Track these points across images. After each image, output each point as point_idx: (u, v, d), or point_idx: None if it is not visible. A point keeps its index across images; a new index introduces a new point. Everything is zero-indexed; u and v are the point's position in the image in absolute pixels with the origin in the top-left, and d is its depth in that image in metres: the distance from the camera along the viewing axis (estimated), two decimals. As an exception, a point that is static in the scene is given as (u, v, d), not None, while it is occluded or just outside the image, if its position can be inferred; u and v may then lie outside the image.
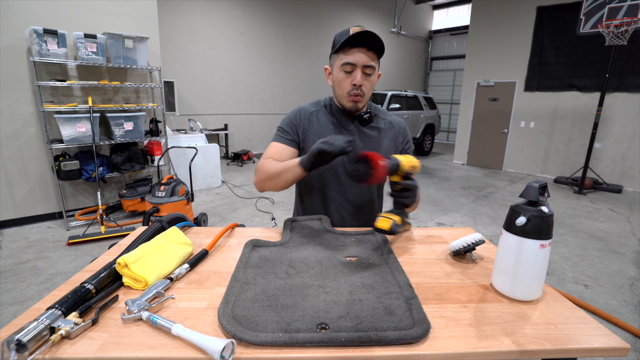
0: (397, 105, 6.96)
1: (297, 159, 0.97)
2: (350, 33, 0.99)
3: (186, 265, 0.82)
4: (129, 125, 3.40)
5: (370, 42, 1.01)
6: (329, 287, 0.74)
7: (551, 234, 0.70)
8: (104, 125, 3.51)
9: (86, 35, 3.08)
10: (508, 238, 0.73)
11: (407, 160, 0.91)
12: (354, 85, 1.04)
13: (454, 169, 6.81)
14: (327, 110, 1.18)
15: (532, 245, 0.69)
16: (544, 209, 0.70)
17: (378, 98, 7.16)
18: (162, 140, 3.86)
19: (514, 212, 0.72)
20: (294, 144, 1.16)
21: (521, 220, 0.69)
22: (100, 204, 3.11)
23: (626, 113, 5.23)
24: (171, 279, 0.77)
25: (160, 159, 3.72)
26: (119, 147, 3.56)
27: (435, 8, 11.82)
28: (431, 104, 8.25)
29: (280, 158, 1.11)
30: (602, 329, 0.64)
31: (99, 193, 3.14)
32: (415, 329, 0.60)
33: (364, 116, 1.15)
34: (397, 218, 0.90)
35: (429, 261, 0.91)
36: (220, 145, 6.25)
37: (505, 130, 6.56)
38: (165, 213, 2.66)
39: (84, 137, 3.18)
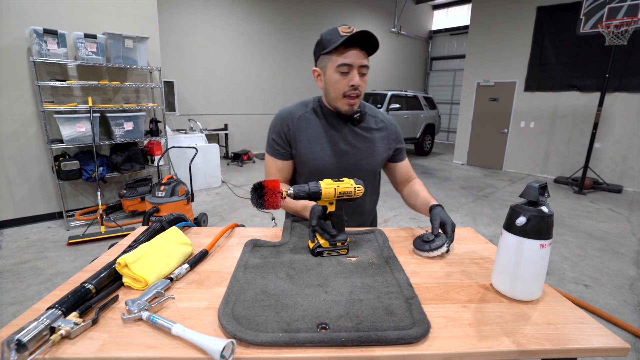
0: (397, 105, 6.96)
1: (310, 207, 1.01)
2: (340, 32, 0.98)
3: (186, 265, 0.82)
4: (129, 125, 3.40)
5: (364, 42, 1.00)
6: (329, 287, 0.74)
7: (551, 234, 0.70)
8: (104, 125, 3.51)
9: (86, 35, 3.08)
10: (508, 238, 0.73)
11: (331, 187, 0.87)
12: (352, 86, 1.02)
13: (454, 169, 6.81)
14: (317, 112, 1.15)
15: (532, 245, 0.69)
16: (544, 209, 0.69)
17: (378, 98, 7.16)
18: (162, 140, 3.86)
19: (514, 212, 0.72)
20: (287, 155, 1.15)
21: (521, 220, 0.69)
22: (100, 204, 3.11)
23: (626, 113, 5.23)
24: (171, 279, 0.77)
25: (160, 159, 3.72)
26: (119, 147, 3.56)
27: (435, 8, 11.82)
28: (431, 104, 8.24)
29: (282, 175, 1.17)
30: (602, 329, 0.64)
31: (99, 193, 3.14)
32: (415, 329, 0.60)
33: (355, 116, 1.12)
34: (322, 241, 0.90)
35: (429, 261, 0.91)
36: (220, 145, 6.25)
37: (505, 130, 6.56)
38: (165, 213, 2.66)
39: (84, 137, 3.18)
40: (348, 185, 0.88)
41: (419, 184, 1.20)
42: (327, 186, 0.86)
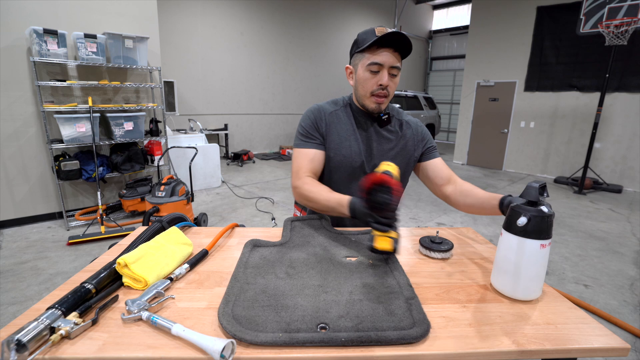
0: (397, 105, 6.94)
1: (346, 202, 0.93)
2: (376, 33, 0.98)
3: (186, 265, 0.82)
4: (129, 125, 3.40)
5: (397, 43, 1.00)
6: (329, 287, 0.74)
7: (551, 234, 0.70)
8: (104, 125, 3.51)
9: (86, 35, 3.08)
10: (508, 238, 0.72)
11: (393, 168, 0.85)
12: (380, 85, 1.03)
13: (454, 169, 6.78)
14: (347, 110, 1.16)
15: (532, 245, 0.69)
16: (544, 208, 0.69)
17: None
18: (162, 140, 3.86)
19: (514, 213, 0.71)
20: (321, 146, 1.13)
21: (522, 220, 0.69)
22: (100, 204, 3.11)
23: (626, 113, 5.23)
24: (171, 279, 0.77)
25: (160, 159, 3.72)
26: (119, 147, 3.56)
27: (435, 8, 11.83)
28: (431, 104, 8.25)
29: (313, 165, 1.10)
30: (602, 329, 0.64)
31: (99, 193, 3.14)
32: (415, 329, 0.60)
33: (383, 117, 1.13)
34: (394, 234, 0.80)
35: (429, 261, 0.91)
36: (220, 145, 6.25)
37: (505, 130, 6.56)
38: (165, 213, 2.66)
39: (84, 137, 3.18)
40: (392, 164, 0.88)
41: (470, 185, 1.11)
42: (390, 168, 0.85)
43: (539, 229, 0.68)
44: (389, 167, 0.85)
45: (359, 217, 0.87)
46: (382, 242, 0.78)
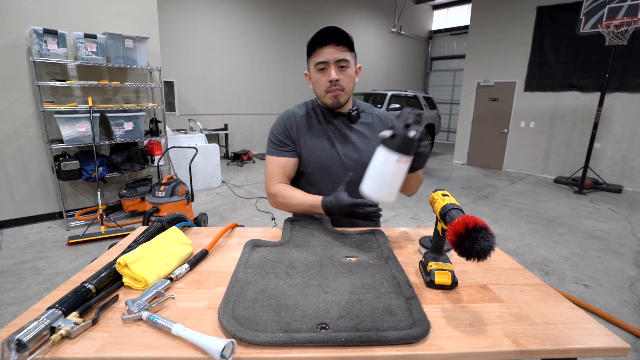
0: (397, 105, 6.96)
1: (319, 201, 1.05)
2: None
3: (186, 265, 0.82)
4: (129, 125, 3.40)
5: (337, 38, 1.03)
6: (329, 287, 0.74)
7: (411, 154, 0.82)
8: (104, 125, 3.51)
9: (86, 35, 3.08)
10: (378, 149, 0.85)
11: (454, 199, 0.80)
12: (330, 81, 1.06)
13: (454, 169, 6.81)
14: (316, 111, 1.20)
15: (391, 156, 0.81)
16: (411, 133, 0.79)
17: (378, 98, 7.15)
18: (162, 140, 3.86)
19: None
20: (293, 153, 1.16)
21: (386, 133, 0.82)
22: (100, 204, 3.11)
23: (626, 113, 5.23)
24: (171, 279, 0.77)
25: (160, 159, 3.72)
26: (119, 147, 3.56)
27: (435, 8, 11.82)
28: (431, 104, 8.24)
29: (285, 174, 1.15)
30: (602, 329, 0.64)
31: (99, 193, 3.14)
32: (415, 329, 0.60)
33: (352, 113, 1.16)
34: (451, 266, 0.78)
35: (429, 261, 0.91)
36: (220, 145, 6.25)
37: (505, 130, 6.56)
38: (165, 213, 2.66)
39: (84, 137, 3.18)
40: None
41: (414, 176, 1.11)
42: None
43: (400, 145, 0.80)
44: (453, 200, 0.78)
45: (338, 213, 0.96)
46: (442, 277, 0.77)
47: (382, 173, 0.85)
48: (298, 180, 1.23)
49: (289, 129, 1.16)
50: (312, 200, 1.07)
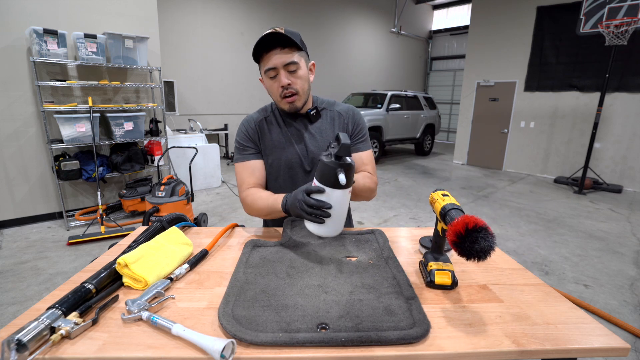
0: (397, 105, 6.96)
1: (280, 200, 0.96)
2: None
3: (186, 265, 0.83)
4: (129, 125, 3.40)
5: (281, 41, 0.99)
6: (329, 287, 0.74)
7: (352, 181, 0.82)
8: (104, 125, 3.51)
9: (86, 35, 3.08)
10: (335, 193, 0.81)
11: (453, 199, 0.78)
12: (282, 87, 1.03)
13: (454, 169, 6.81)
14: (275, 115, 1.17)
15: (346, 193, 0.83)
16: (348, 159, 0.79)
17: (378, 98, 7.15)
18: (162, 140, 3.86)
19: (331, 170, 0.78)
20: (259, 155, 1.15)
21: (342, 178, 0.77)
22: (100, 204, 3.11)
23: (626, 113, 5.23)
24: (171, 279, 0.77)
25: (160, 159, 3.72)
26: (119, 147, 3.56)
27: (435, 8, 11.82)
28: (431, 104, 8.24)
29: (255, 177, 1.12)
30: (602, 329, 0.64)
31: (99, 193, 3.14)
32: (415, 329, 0.60)
33: (311, 113, 1.13)
34: (451, 266, 0.79)
35: (429, 261, 0.91)
36: (220, 145, 6.24)
37: (505, 130, 6.56)
38: (165, 213, 2.66)
39: (84, 137, 3.18)
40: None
41: (360, 175, 1.10)
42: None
43: (349, 178, 0.80)
44: (453, 200, 0.77)
45: (292, 208, 0.88)
46: (442, 277, 0.77)
47: (345, 208, 0.88)
48: (269, 184, 1.20)
49: (250, 133, 1.14)
50: (274, 199, 1.00)
